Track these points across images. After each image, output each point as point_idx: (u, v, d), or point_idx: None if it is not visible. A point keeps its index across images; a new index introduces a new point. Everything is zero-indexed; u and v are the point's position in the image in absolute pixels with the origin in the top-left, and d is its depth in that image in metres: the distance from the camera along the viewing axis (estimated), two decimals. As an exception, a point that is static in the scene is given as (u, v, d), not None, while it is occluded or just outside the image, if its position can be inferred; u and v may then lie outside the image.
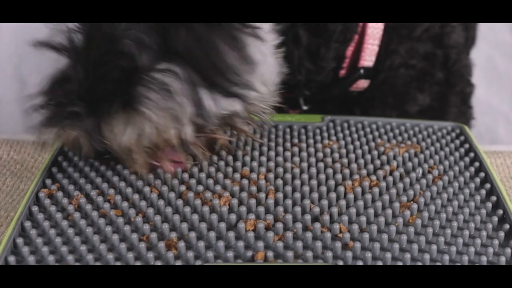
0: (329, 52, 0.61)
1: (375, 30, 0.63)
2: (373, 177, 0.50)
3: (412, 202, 0.47)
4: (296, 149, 0.54)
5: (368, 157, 0.53)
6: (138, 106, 0.43)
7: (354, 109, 0.68)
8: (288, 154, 0.53)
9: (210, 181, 0.49)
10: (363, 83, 0.66)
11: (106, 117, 0.43)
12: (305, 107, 0.67)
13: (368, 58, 0.64)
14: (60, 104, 0.45)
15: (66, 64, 0.47)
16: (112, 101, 0.43)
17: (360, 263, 0.41)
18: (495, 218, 0.46)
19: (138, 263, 0.41)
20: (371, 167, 0.51)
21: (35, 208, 0.46)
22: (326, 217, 0.44)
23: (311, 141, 0.56)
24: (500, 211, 0.47)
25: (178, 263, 0.41)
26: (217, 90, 0.46)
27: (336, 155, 0.53)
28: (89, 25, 0.46)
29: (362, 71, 0.64)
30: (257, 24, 0.48)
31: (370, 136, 0.57)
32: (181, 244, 0.42)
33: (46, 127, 0.46)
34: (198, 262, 0.41)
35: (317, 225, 0.43)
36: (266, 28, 0.50)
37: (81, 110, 0.44)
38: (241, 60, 0.47)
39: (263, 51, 0.49)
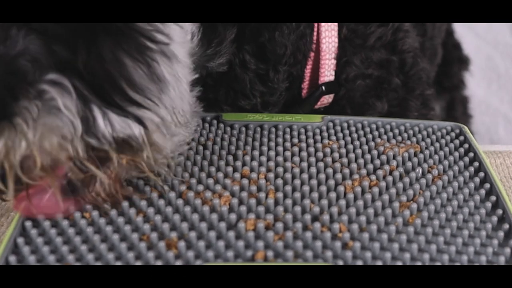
0: (278, 75, 0.61)
1: (330, 45, 0.62)
2: (373, 177, 0.50)
3: (411, 201, 0.47)
4: (296, 148, 0.55)
5: (368, 156, 0.53)
6: (13, 119, 0.39)
7: None
8: (288, 153, 0.53)
9: (210, 181, 0.49)
10: (327, 99, 0.65)
11: None
12: None
13: (328, 73, 0.63)
14: None
15: None
16: None
17: (360, 262, 0.41)
18: (495, 218, 0.46)
19: (138, 262, 0.41)
20: (371, 166, 0.51)
21: (35, 208, 0.46)
22: (326, 217, 0.44)
23: (311, 140, 0.56)
24: (500, 211, 0.47)
25: (178, 262, 0.41)
26: (112, 108, 0.41)
27: (336, 154, 0.54)
28: None
29: (323, 87, 0.64)
30: (171, 34, 0.44)
31: (369, 136, 0.57)
32: (181, 243, 0.42)
33: None
34: (198, 262, 0.41)
35: (317, 224, 0.44)
36: (178, 41, 0.46)
37: None
38: (147, 77, 0.42)
39: (175, 72, 0.44)
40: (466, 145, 0.57)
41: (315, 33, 0.62)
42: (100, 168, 0.42)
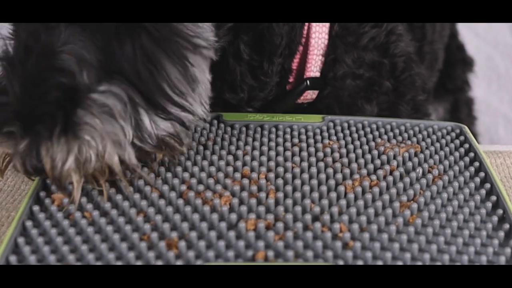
0: (272, 67, 0.60)
1: (319, 40, 0.62)
2: (373, 177, 0.50)
3: (412, 201, 0.47)
4: (296, 148, 0.55)
5: (368, 156, 0.53)
6: (79, 133, 0.41)
7: None
8: (288, 153, 0.53)
9: (211, 181, 0.49)
10: (311, 94, 0.65)
11: (46, 142, 0.41)
12: None
13: (314, 69, 0.63)
14: None
15: (1, 73, 0.44)
16: (52, 125, 0.41)
17: (360, 262, 0.41)
18: (495, 218, 0.46)
19: (139, 262, 0.41)
20: (371, 166, 0.51)
21: (36, 208, 0.46)
22: (327, 217, 0.44)
23: (311, 140, 0.56)
24: (500, 211, 0.47)
25: (179, 262, 0.41)
26: (158, 112, 0.45)
27: (336, 154, 0.54)
28: (25, 32, 0.44)
29: (308, 82, 0.63)
30: (202, 34, 0.47)
31: (370, 136, 0.57)
32: (182, 243, 0.42)
33: None
34: (199, 262, 0.41)
35: (318, 224, 0.44)
36: (207, 43, 0.48)
37: (17, 131, 0.42)
38: (185, 80, 0.45)
39: (204, 68, 0.48)
40: (467, 145, 0.57)
41: (305, 27, 0.62)
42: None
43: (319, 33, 0.62)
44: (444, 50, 0.99)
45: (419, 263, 0.41)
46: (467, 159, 0.54)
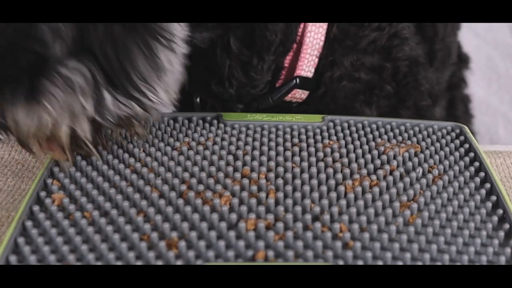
0: (263, 64, 0.59)
1: (314, 40, 0.61)
2: (373, 177, 0.50)
3: (412, 201, 0.48)
4: (296, 148, 0.55)
5: (368, 156, 0.53)
6: (41, 99, 0.44)
7: None
8: (288, 153, 0.53)
9: (211, 181, 0.49)
10: (300, 94, 0.64)
11: (9, 104, 0.44)
12: None
13: (306, 68, 0.62)
14: None
15: None
16: (17, 88, 0.44)
17: (360, 262, 0.41)
18: (495, 218, 0.46)
19: (138, 262, 0.41)
20: (371, 166, 0.51)
21: (36, 208, 0.46)
22: (327, 217, 0.44)
23: (311, 140, 0.56)
24: (500, 211, 0.47)
25: (179, 262, 0.41)
26: (120, 93, 0.47)
27: (337, 154, 0.54)
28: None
29: (297, 80, 0.62)
30: (173, 31, 0.49)
31: (370, 136, 0.57)
32: (182, 243, 0.42)
33: None
34: (199, 262, 0.41)
35: (318, 224, 0.44)
36: (179, 37, 0.50)
37: None
38: (150, 67, 0.48)
39: (173, 60, 0.50)
40: (467, 145, 0.57)
41: (301, 25, 0.61)
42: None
43: (314, 33, 0.61)
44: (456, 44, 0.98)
45: (419, 263, 0.41)
46: (467, 159, 0.54)
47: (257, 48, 0.58)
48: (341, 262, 0.41)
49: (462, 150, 0.56)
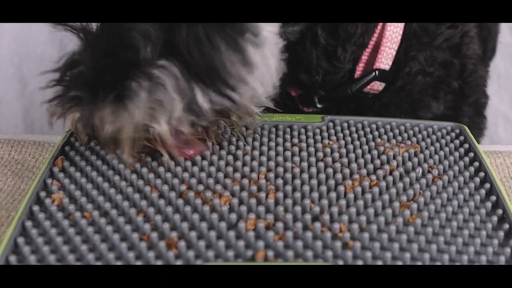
0: (346, 54, 0.62)
1: (393, 34, 0.63)
2: (373, 177, 0.50)
3: (412, 201, 0.48)
4: (296, 148, 0.55)
5: (368, 156, 0.53)
6: (126, 100, 0.46)
7: (369, 113, 0.68)
8: (288, 153, 0.53)
9: (211, 181, 0.49)
10: (378, 86, 0.66)
11: (100, 105, 0.46)
12: (319, 105, 0.67)
13: (385, 61, 0.64)
14: (66, 86, 0.48)
15: (79, 47, 0.50)
16: (109, 92, 0.46)
17: (360, 262, 0.41)
18: (495, 218, 0.46)
19: (138, 262, 0.41)
20: (371, 166, 0.51)
21: (36, 208, 0.46)
22: (326, 217, 0.44)
23: (311, 140, 0.56)
24: (500, 211, 0.47)
25: (179, 262, 0.41)
26: (211, 88, 0.48)
27: (336, 154, 0.54)
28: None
29: (377, 72, 0.64)
30: (262, 26, 0.50)
31: (370, 136, 0.57)
32: (182, 243, 0.42)
33: (54, 105, 0.49)
34: (199, 262, 0.41)
35: (317, 224, 0.44)
36: (271, 30, 0.51)
37: (83, 95, 0.47)
38: (239, 63, 0.48)
39: (264, 54, 0.50)
40: (466, 145, 0.57)
41: None
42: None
43: (394, 27, 0.63)
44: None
45: (419, 263, 0.41)
46: (467, 159, 0.54)
47: (341, 39, 0.61)
48: (340, 262, 0.41)
49: (462, 150, 0.56)
